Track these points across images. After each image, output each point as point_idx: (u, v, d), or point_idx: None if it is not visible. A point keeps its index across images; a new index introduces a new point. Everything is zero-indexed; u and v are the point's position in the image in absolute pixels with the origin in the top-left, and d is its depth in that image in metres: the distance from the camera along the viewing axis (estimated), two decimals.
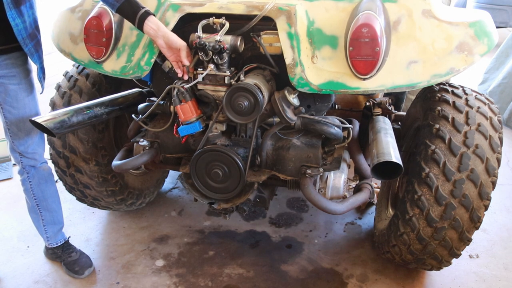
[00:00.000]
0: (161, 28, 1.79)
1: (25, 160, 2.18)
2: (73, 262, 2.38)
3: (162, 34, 1.78)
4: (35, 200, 2.29)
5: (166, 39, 1.79)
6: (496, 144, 1.84)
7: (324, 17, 1.80)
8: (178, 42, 1.81)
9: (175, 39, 1.80)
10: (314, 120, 1.93)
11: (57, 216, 2.39)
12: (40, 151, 2.22)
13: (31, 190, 2.26)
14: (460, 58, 1.72)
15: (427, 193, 1.83)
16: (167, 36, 1.79)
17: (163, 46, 1.82)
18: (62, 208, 2.43)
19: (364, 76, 1.70)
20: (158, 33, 1.78)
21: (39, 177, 2.25)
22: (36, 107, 2.14)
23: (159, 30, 1.78)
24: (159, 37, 1.79)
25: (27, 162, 2.19)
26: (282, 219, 2.85)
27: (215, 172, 1.96)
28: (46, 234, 2.38)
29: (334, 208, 1.94)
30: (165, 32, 1.79)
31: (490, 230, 2.73)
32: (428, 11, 1.75)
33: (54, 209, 2.37)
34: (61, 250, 2.42)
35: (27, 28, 1.92)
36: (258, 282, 2.33)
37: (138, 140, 2.20)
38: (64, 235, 2.47)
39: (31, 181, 2.24)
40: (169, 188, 3.21)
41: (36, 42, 2.00)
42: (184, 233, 2.72)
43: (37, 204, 2.30)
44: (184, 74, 1.89)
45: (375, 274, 2.38)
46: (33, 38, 1.97)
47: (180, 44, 1.81)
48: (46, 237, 2.39)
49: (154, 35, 1.79)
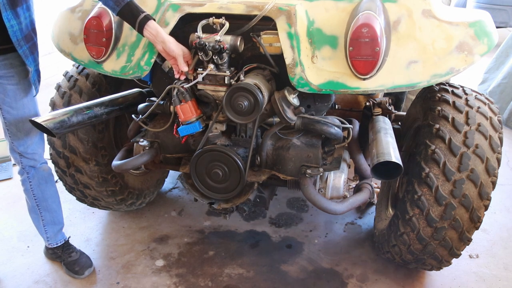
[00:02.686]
0: (160, 34, 1.78)
1: (25, 161, 2.18)
2: (73, 262, 2.38)
3: (161, 40, 1.79)
4: (35, 200, 2.29)
5: (164, 45, 1.79)
6: (496, 144, 1.83)
7: (324, 17, 1.80)
8: (175, 51, 1.80)
9: (172, 48, 1.79)
10: (314, 120, 1.93)
11: (57, 216, 2.39)
12: (40, 151, 2.21)
13: (31, 190, 2.26)
14: (460, 58, 1.72)
15: (427, 193, 1.83)
16: (165, 43, 1.79)
17: (162, 51, 1.83)
18: (62, 208, 2.43)
19: (364, 76, 1.70)
20: (157, 38, 1.79)
21: (39, 177, 2.25)
22: (35, 108, 2.14)
23: (157, 36, 1.78)
24: (157, 42, 1.80)
25: (27, 162, 2.19)
26: (282, 219, 2.85)
27: (215, 172, 1.96)
28: (46, 234, 2.38)
29: (334, 208, 1.94)
30: (163, 39, 1.79)
31: (490, 230, 2.73)
32: (428, 11, 1.75)
33: (54, 209, 2.36)
34: (61, 250, 2.42)
35: (23, 29, 1.91)
36: (258, 282, 2.33)
37: (138, 140, 2.19)
38: (64, 235, 2.47)
39: (31, 181, 2.24)
40: (169, 188, 3.21)
41: (32, 45, 1.99)
42: (184, 233, 2.72)
43: (37, 204, 2.30)
44: (181, 75, 1.90)
45: (375, 274, 2.38)
46: (28, 40, 1.95)
47: (177, 54, 1.80)
48: (46, 237, 2.39)
49: (153, 40, 1.80)
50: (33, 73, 2.04)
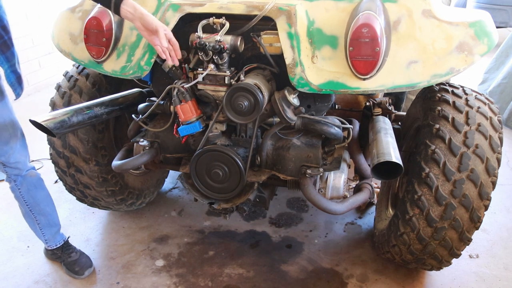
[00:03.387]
0: (138, 10, 1.71)
1: (9, 170, 2.12)
2: (73, 262, 2.37)
3: (139, 16, 1.71)
4: (28, 206, 2.25)
5: (142, 19, 1.72)
6: (496, 144, 1.84)
7: (324, 17, 1.80)
8: (154, 22, 1.72)
9: (150, 20, 1.71)
10: (314, 120, 1.93)
11: (52, 218, 2.35)
12: (22, 159, 2.14)
13: (22, 197, 2.21)
14: (460, 58, 1.72)
15: (427, 193, 1.83)
16: (143, 18, 1.71)
17: (141, 28, 1.74)
18: (57, 209, 2.39)
19: (364, 76, 1.70)
20: (135, 15, 1.71)
21: (27, 184, 2.20)
22: (10, 115, 2.02)
23: (136, 12, 1.71)
24: (136, 19, 1.72)
25: (11, 171, 2.13)
26: (282, 219, 2.85)
27: (215, 172, 1.96)
28: (44, 237, 2.36)
29: (334, 208, 1.94)
30: (141, 14, 1.71)
31: (490, 230, 2.73)
32: (428, 11, 1.75)
33: (49, 212, 2.32)
34: (61, 250, 2.40)
35: None
36: (258, 282, 2.33)
37: (138, 140, 2.20)
38: (63, 236, 2.45)
39: (20, 189, 2.19)
40: (169, 188, 3.21)
41: (2, 43, 1.87)
42: (184, 233, 2.72)
43: (30, 210, 2.26)
44: (173, 59, 1.82)
45: (375, 274, 2.38)
46: None
47: (157, 25, 1.72)
48: (45, 239, 2.37)
49: (132, 18, 1.73)
50: (10, 74, 1.93)
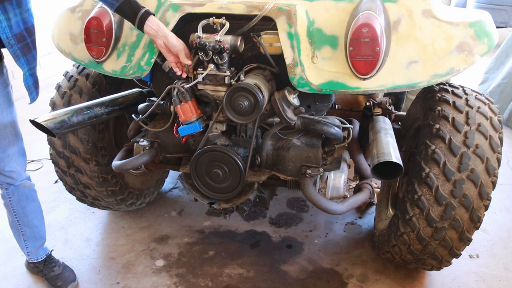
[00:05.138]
0: (161, 29, 1.78)
1: (1, 178, 2.05)
2: (56, 277, 2.26)
3: (162, 35, 1.78)
4: (15, 216, 2.18)
5: (165, 40, 1.79)
6: (496, 144, 1.84)
7: (324, 17, 1.80)
8: (177, 46, 1.80)
9: (174, 43, 1.79)
10: (314, 120, 1.93)
11: (38, 232, 2.27)
12: (18, 169, 2.07)
13: (11, 206, 2.15)
14: (460, 58, 1.72)
15: (427, 193, 1.83)
16: (167, 38, 1.78)
17: (162, 46, 1.81)
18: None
19: (364, 76, 1.70)
20: (158, 33, 1.78)
21: (19, 194, 2.13)
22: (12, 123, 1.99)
23: (159, 30, 1.77)
24: (159, 37, 1.79)
25: (4, 179, 2.06)
26: (282, 219, 2.85)
27: (215, 172, 1.96)
28: (27, 249, 2.27)
29: (334, 208, 1.94)
30: (165, 33, 1.78)
31: (490, 230, 2.73)
32: (428, 11, 1.75)
33: (36, 225, 2.24)
34: (43, 264, 2.30)
35: (12, 26, 1.77)
36: (258, 282, 2.33)
37: (138, 140, 2.20)
38: (47, 250, 2.34)
39: (10, 197, 2.13)
40: (169, 188, 3.21)
41: (25, 45, 1.86)
42: (184, 233, 2.72)
43: (17, 220, 2.19)
44: (183, 73, 1.89)
45: (375, 274, 2.38)
46: (20, 40, 1.83)
47: (178, 49, 1.80)
48: (27, 251, 2.28)
49: (154, 35, 1.79)
50: (28, 77, 1.91)
